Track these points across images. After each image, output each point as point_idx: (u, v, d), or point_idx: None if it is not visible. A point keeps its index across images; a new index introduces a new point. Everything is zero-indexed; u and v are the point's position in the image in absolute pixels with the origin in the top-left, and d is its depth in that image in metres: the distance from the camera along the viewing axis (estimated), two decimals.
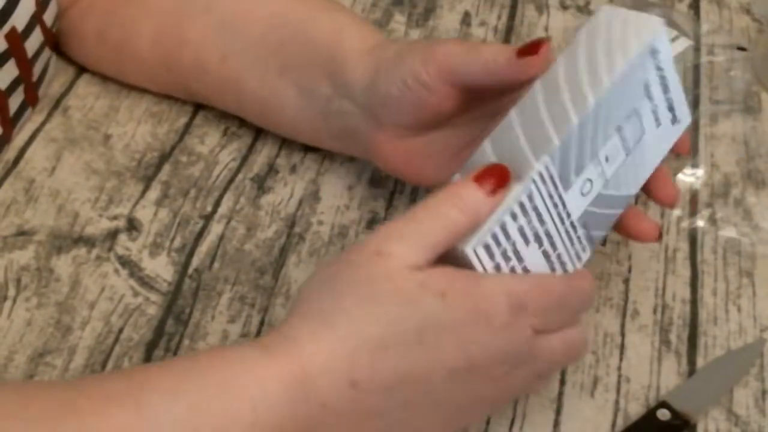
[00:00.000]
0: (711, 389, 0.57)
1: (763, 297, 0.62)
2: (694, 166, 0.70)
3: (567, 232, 0.50)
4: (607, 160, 0.49)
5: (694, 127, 0.72)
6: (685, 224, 0.66)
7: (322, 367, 0.45)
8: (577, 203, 0.49)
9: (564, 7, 0.83)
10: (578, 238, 0.51)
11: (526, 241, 0.48)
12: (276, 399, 0.45)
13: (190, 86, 0.70)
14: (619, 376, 0.58)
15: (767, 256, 0.64)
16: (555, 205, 0.48)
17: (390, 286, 0.46)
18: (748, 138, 0.72)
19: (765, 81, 0.76)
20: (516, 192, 0.46)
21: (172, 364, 0.48)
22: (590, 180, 0.49)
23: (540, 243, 0.49)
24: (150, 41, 0.69)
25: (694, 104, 0.74)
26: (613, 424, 0.56)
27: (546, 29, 0.80)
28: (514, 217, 0.47)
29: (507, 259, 0.48)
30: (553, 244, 0.49)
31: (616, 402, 0.57)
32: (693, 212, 0.67)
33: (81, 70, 0.75)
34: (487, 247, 0.47)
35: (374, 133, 0.60)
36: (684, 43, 0.75)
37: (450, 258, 0.47)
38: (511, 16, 0.82)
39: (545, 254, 0.49)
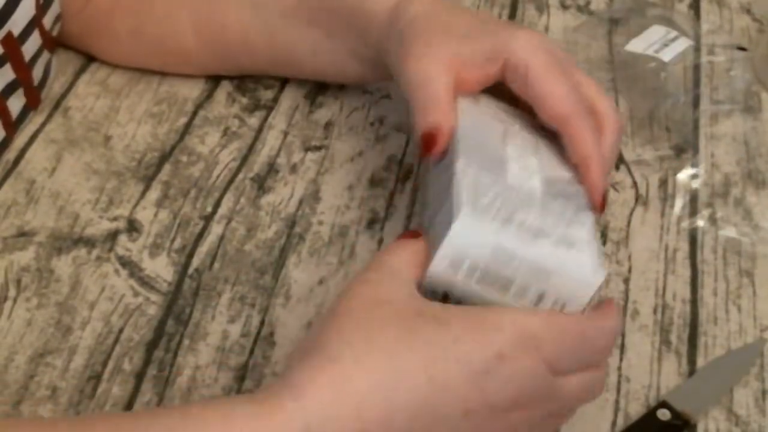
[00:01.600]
0: (711, 389, 0.57)
1: (764, 297, 0.62)
2: (694, 166, 0.70)
3: (543, 204, 0.51)
4: (520, 157, 0.54)
5: (695, 127, 0.72)
6: (685, 224, 0.66)
7: (326, 415, 0.41)
8: (529, 182, 0.52)
9: (564, 6, 0.83)
10: (562, 210, 0.51)
11: (505, 220, 0.48)
12: None
13: (240, 65, 0.73)
14: (620, 376, 0.58)
15: (767, 255, 0.64)
16: (501, 186, 0.51)
17: (390, 309, 0.44)
18: (748, 138, 0.72)
19: (765, 81, 0.76)
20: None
21: (163, 415, 0.44)
22: (524, 168, 0.53)
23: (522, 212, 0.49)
24: (191, 33, 0.71)
25: (695, 104, 0.74)
26: (614, 424, 0.56)
27: (546, 29, 0.80)
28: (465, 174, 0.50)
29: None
30: (528, 207, 0.50)
31: (617, 402, 0.57)
32: (693, 212, 0.67)
33: (80, 70, 0.75)
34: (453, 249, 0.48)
35: None
36: (684, 43, 0.75)
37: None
38: (512, 15, 0.82)
39: (531, 229, 0.49)
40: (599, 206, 0.56)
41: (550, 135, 0.57)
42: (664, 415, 0.55)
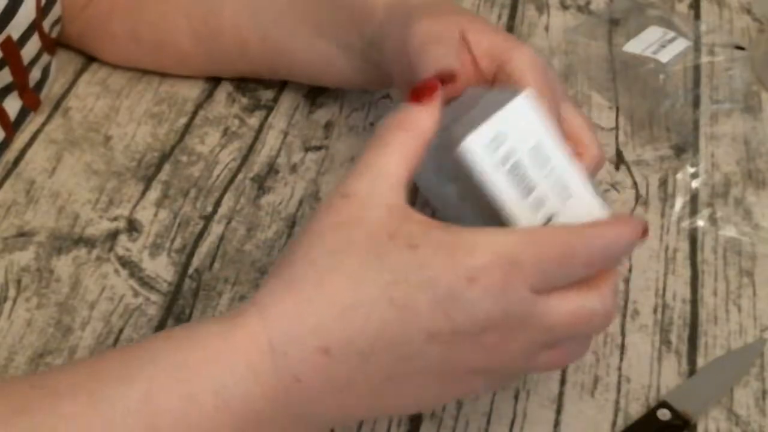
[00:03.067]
0: (711, 389, 0.57)
1: (764, 297, 0.62)
2: (694, 165, 0.70)
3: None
4: None
5: (695, 126, 0.72)
6: (685, 224, 0.66)
7: (288, 334, 0.42)
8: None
9: (564, 6, 0.83)
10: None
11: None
12: (241, 378, 0.41)
13: (236, 67, 0.73)
14: (620, 375, 0.58)
15: (767, 255, 0.64)
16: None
17: (361, 231, 0.43)
18: (748, 137, 0.72)
19: (765, 80, 0.76)
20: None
21: (127, 349, 0.44)
22: None
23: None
24: (188, 36, 0.71)
25: (695, 104, 0.74)
26: (614, 424, 0.56)
27: (546, 29, 0.80)
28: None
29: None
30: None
31: (617, 402, 0.57)
32: (693, 212, 0.67)
33: (81, 71, 0.75)
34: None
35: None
36: (682, 44, 0.75)
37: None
38: (512, 16, 0.82)
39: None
40: None
41: None
42: (664, 415, 0.55)
